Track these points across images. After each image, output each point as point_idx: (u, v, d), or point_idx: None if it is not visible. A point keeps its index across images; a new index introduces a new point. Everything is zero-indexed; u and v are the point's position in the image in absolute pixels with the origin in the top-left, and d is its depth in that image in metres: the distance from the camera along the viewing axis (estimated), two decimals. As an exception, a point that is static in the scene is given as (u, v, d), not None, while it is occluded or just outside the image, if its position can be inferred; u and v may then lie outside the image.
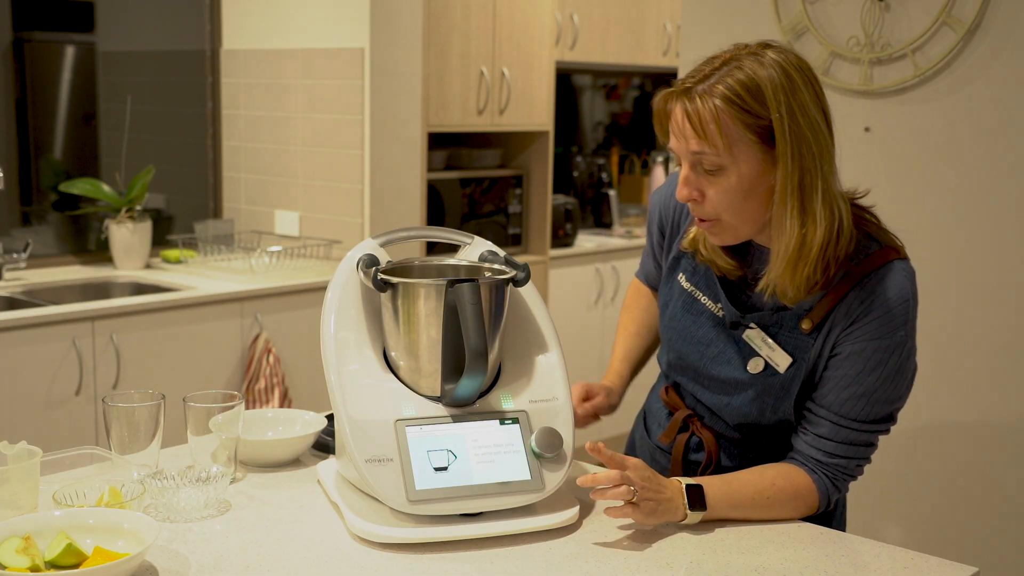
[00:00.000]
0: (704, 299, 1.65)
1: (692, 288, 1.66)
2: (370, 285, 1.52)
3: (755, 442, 1.66)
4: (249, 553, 1.40)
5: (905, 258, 1.54)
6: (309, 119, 3.91)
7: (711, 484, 1.52)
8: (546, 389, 1.56)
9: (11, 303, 3.32)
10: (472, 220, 4.34)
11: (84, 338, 3.11)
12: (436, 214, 4.17)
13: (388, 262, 1.61)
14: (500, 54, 4.29)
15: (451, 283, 1.47)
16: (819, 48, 2.47)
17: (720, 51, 1.50)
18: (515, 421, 1.51)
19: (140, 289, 3.58)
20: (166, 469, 1.59)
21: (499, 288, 1.52)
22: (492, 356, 1.52)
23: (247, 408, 3.05)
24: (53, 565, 1.29)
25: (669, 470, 1.73)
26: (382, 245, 1.64)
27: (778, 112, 1.43)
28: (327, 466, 1.65)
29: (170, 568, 1.35)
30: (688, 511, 1.49)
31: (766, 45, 1.49)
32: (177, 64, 4.19)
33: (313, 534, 1.47)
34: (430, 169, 4.17)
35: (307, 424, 1.81)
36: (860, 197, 1.58)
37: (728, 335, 1.61)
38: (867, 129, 2.43)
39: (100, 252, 3.86)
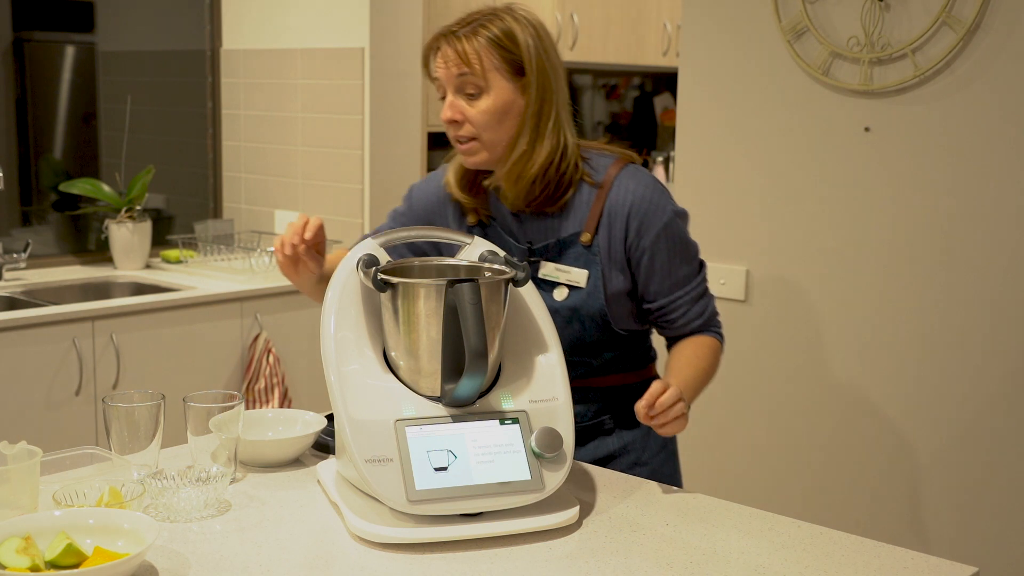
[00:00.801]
0: (503, 254, 1.80)
1: None
2: (370, 285, 1.52)
3: (588, 370, 1.84)
4: (249, 553, 1.40)
5: (639, 163, 1.84)
6: (309, 119, 3.91)
7: (674, 379, 1.75)
8: (546, 389, 1.56)
9: (11, 303, 3.32)
10: (472, 220, 4.34)
11: (84, 338, 3.11)
12: (436, 214, 4.17)
13: (388, 262, 1.61)
14: (500, 54, 4.28)
15: (451, 283, 1.47)
16: (819, 48, 2.47)
17: (479, 8, 1.79)
18: (515, 421, 1.51)
19: (140, 289, 3.58)
20: (166, 469, 1.59)
21: (499, 288, 1.52)
22: (492, 356, 1.52)
23: (247, 408, 3.05)
24: (53, 565, 1.29)
25: None
26: (382, 245, 1.64)
27: (527, 52, 1.73)
28: (327, 466, 1.65)
29: (170, 568, 1.35)
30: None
31: (513, 6, 1.78)
32: (177, 64, 4.19)
33: (313, 534, 1.47)
34: (430, 169, 4.17)
35: (307, 424, 1.81)
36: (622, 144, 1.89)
37: (534, 276, 1.82)
38: (867, 129, 2.43)
39: (100, 252, 3.86)
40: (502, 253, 1.65)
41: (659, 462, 1.88)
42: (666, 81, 5.88)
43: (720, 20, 2.65)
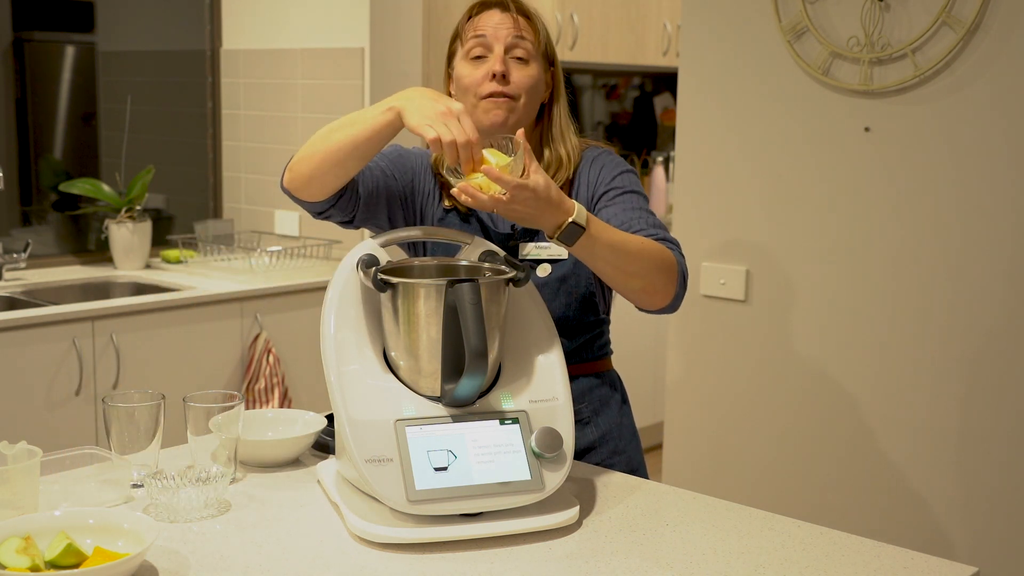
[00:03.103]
0: (503, 254, 1.77)
1: None
2: (370, 285, 1.52)
3: (565, 352, 1.75)
4: (249, 553, 1.40)
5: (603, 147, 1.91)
6: (309, 119, 3.91)
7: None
8: (546, 389, 1.56)
9: (11, 303, 3.32)
10: (472, 220, 4.34)
11: (84, 338, 3.11)
12: (436, 214, 4.17)
13: (388, 262, 1.61)
14: (500, 54, 4.28)
15: (451, 283, 1.47)
16: (819, 48, 2.47)
17: None
18: (515, 421, 1.51)
19: (140, 289, 3.58)
20: (166, 469, 1.59)
21: (499, 288, 1.52)
22: (492, 356, 1.52)
23: (247, 408, 3.05)
24: (53, 565, 1.29)
25: None
26: (382, 245, 1.64)
27: (553, 47, 1.85)
28: (327, 466, 1.65)
29: (170, 568, 1.35)
30: (575, 205, 1.54)
31: None
32: (177, 64, 4.19)
33: (313, 534, 1.47)
34: (430, 169, 4.17)
35: (307, 424, 1.81)
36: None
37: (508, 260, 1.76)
38: (867, 129, 2.43)
39: (100, 252, 3.86)
40: (502, 253, 1.65)
41: (632, 449, 1.90)
42: (666, 81, 5.88)
43: (720, 20, 2.65)
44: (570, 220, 1.53)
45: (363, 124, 1.59)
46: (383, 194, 1.80)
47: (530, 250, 1.79)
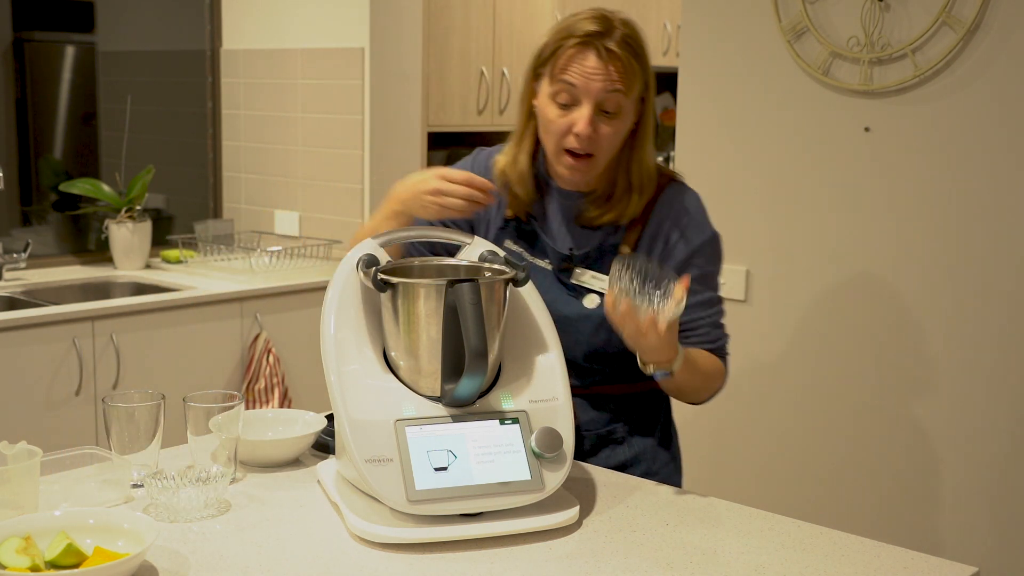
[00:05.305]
0: (530, 255, 1.79)
1: (520, 249, 1.81)
2: (370, 285, 1.52)
3: (602, 378, 1.80)
4: (249, 553, 1.40)
5: (682, 180, 1.81)
6: (309, 119, 3.91)
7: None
8: (546, 389, 1.56)
9: (11, 303, 3.32)
10: (472, 220, 4.33)
11: (84, 338, 3.11)
12: (436, 214, 4.17)
13: (388, 262, 1.61)
14: (500, 54, 4.28)
15: (451, 283, 1.47)
16: (819, 48, 2.47)
17: (602, 8, 1.70)
18: (515, 421, 1.51)
19: (140, 289, 3.58)
20: (166, 469, 1.59)
21: (499, 288, 1.52)
22: (492, 356, 1.52)
23: (247, 408, 3.05)
24: (53, 565, 1.29)
25: None
26: (382, 245, 1.64)
27: (650, 66, 1.71)
28: (327, 466, 1.65)
29: (170, 568, 1.35)
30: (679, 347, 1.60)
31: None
32: (177, 64, 4.19)
33: (313, 534, 1.47)
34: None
35: (307, 424, 1.81)
36: None
37: (559, 280, 1.77)
38: (867, 129, 2.43)
39: (100, 252, 3.86)
40: (502, 253, 1.65)
41: (667, 473, 1.85)
42: (666, 81, 5.88)
43: (720, 20, 2.65)
44: (676, 358, 1.60)
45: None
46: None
47: (586, 279, 1.74)
